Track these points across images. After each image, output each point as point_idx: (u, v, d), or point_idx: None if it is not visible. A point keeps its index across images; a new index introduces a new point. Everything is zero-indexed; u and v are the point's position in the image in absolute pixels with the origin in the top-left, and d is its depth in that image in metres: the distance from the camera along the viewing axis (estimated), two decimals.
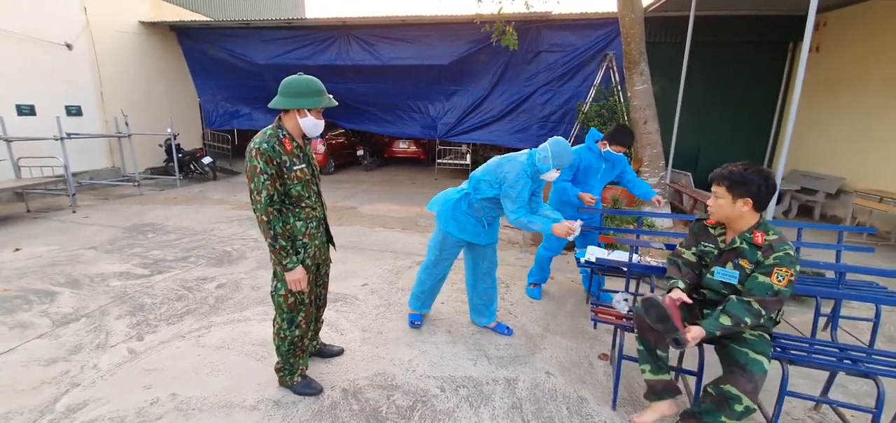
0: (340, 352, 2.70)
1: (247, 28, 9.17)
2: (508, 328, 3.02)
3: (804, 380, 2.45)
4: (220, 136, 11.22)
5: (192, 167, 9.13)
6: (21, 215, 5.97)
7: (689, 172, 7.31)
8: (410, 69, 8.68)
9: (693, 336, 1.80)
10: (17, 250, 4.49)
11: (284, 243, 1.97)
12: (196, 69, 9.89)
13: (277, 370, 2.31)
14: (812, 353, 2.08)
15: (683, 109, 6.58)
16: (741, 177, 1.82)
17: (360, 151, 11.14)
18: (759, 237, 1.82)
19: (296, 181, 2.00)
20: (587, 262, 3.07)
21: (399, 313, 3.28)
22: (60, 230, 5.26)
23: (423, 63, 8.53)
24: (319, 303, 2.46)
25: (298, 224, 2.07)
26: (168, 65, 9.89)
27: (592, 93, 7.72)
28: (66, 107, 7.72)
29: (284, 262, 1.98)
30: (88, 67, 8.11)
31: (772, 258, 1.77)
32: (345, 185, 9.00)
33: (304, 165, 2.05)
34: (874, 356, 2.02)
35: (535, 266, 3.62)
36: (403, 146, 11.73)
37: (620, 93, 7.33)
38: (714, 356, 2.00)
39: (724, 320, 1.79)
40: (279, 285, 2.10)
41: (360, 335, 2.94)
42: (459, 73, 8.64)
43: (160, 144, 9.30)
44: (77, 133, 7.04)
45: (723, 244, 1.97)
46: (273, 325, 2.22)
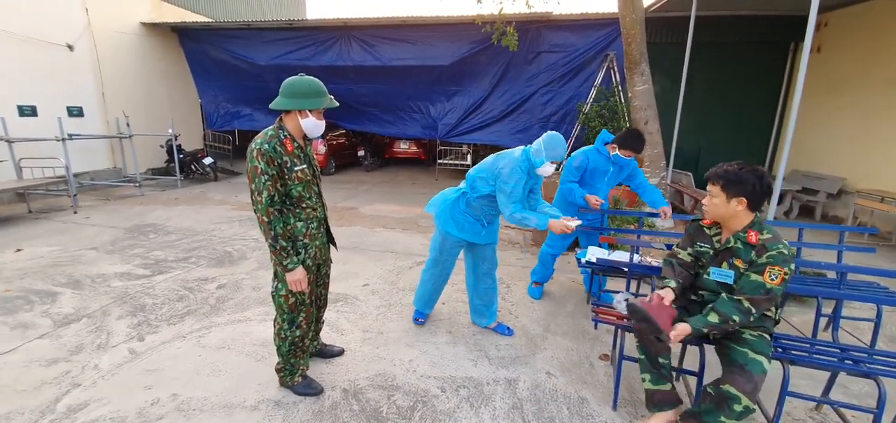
0: (341, 352, 2.70)
1: (248, 29, 9.19)
2: (509, 329, 3.02)
3: (805, 380, 2.45)
4: (221, 136, 11.25)
5: (194, 168, 9.14)
6: (22, 215, 5.98)
7: (690, 173, 7.32)
8: (411, 70, 8.68)
9: (676, 334, 1.83)
10: (19, 250, 4.50)
11: (285, 243, 1.97)
12: (197, 70, 9.91)
13: (278, 371, 2.31)
14: (813, 353, 2.08)
15: (684, 110, 6.58)
16: (736, 176, 1.83)
17: (361, 152, 11.15)
18: (753, 236, 1.83)
19: (297, 182, 2.01)
20: (588, 262, 3.07)
21: (400, 313, 3.28)
22: (62, 231, 5.27)
23: (424, 64, 8.54)
24: (320, 303, 2.47)
25: (299, 225, 2.07)
26: (169, 66, 9.91)
27: (593, 93, 7.73)
28: (68, 108, 7.74)
29: (285, 262, 1.98)
30: (90, 68, 8.13)
31: (765, 257, 1.77)
32: (345, 185, 9.01)
33: (305, 166, 2.05)
34: (875, 357, 2.02)
35: (539, 264, 3.60)
36: (404, 147, 11.73)
37: (621, 93, 7.34)
38: (715, 357, 2.00)
39: (712, 317, 1.80)
40: (280, 285, 2.11)
41: (361, 336, 2.94)
42: (460, 73, 8.64)
43: (161, 145, 9.32)
44: (78, 134, 7.05)
45: (718, 244, 1.97)
46: (274, 325, 2.22)
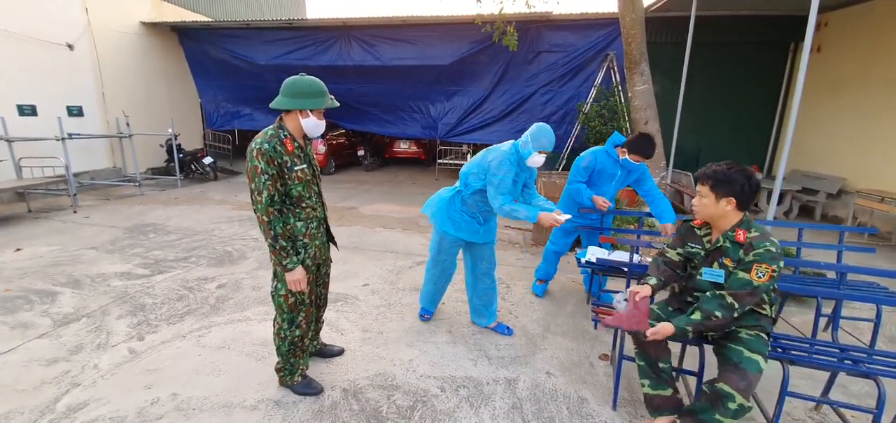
0: (341, 352, 2.70)
1: (248, 29, 9.18)
2: (509, 329, 3.02)
3: (805, 380, 2.45)
4: (221, 136, 11.24)
5: (193, 167, 9.14)
6: (22, 215, 5.98)
7: (690, 173, 7.31)
8: (411, 69, 8.68)
9: (655, 332, 1.85)
10: (19, 250, 4.50)
11: (285, 243, 1.97)
12: (197, 70, 9.91)
13: (278, 370, 2.31)
14: (813, 353, 2.08)
15: (684, 110, 6.58)
16: (725, 176, 1.84)
17: (361, 152, 11.15)
18: (741, 235, 1.84)
19: (296, 182, 2.01)
20: (588, 262, 3.07)
21: (399, 313, 3.28)
22: (61, 230, 5.27)
23: (424, 63, 8.53)
24: (320, 303, 2.47)
25: (299, 224, 2.07)
26: (169, 65, 9.90)
27: (593, 93, 7.72)
28: (68, 107, 7.74)
29: (284, 262, 1.98)
30: (90, 68, 8.13)
31: (751, 255, 1.79)
32: (345, 185, 9.01)
33: (305, 166, 2.05)
34: (875, 357, 2.02)
35: (543, 262, 3.59)
36: (404, 146, 11.74)
37: (621, 93, 7.34)
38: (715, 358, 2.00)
39: (696, 315, 1.82)
40: (279, 285, 2.11)
41: (361, 335, 2.94)
42: (460, 73, 8.64)
43: (161, 145, 9.32)
44: (78, 133, 7.05)
45: (709, 245, 1.98)
46: (273, 325, 2.22)
